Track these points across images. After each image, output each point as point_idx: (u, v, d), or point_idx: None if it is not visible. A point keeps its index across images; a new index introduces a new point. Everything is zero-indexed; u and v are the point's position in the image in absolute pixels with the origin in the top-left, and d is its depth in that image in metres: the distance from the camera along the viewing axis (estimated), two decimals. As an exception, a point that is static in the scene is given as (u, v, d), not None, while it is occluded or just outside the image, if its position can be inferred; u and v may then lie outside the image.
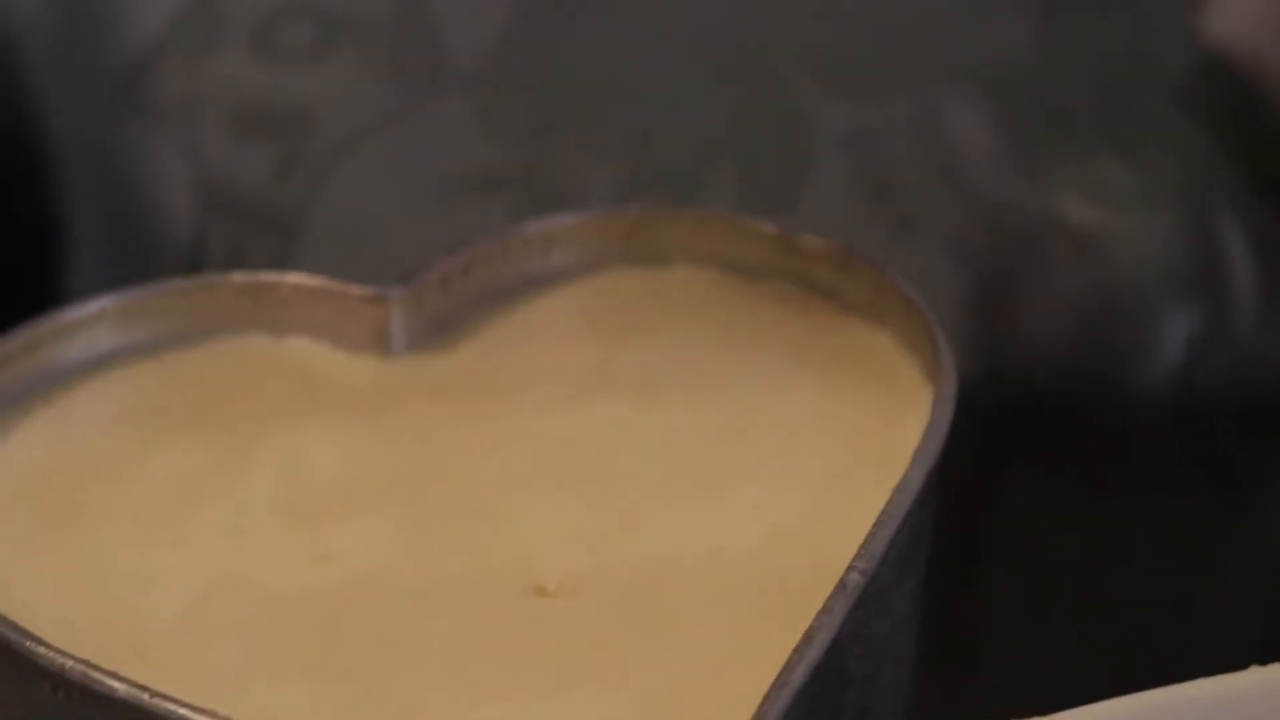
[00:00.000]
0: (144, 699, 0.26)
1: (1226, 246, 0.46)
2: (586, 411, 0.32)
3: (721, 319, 0.34)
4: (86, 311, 0.33)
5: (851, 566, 0.27)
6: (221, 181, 0.49)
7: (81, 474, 0.31)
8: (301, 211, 0.47)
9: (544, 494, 0.31)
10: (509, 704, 0.28)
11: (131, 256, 0.49)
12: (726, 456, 0.31)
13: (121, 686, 0.26)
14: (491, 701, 0.28)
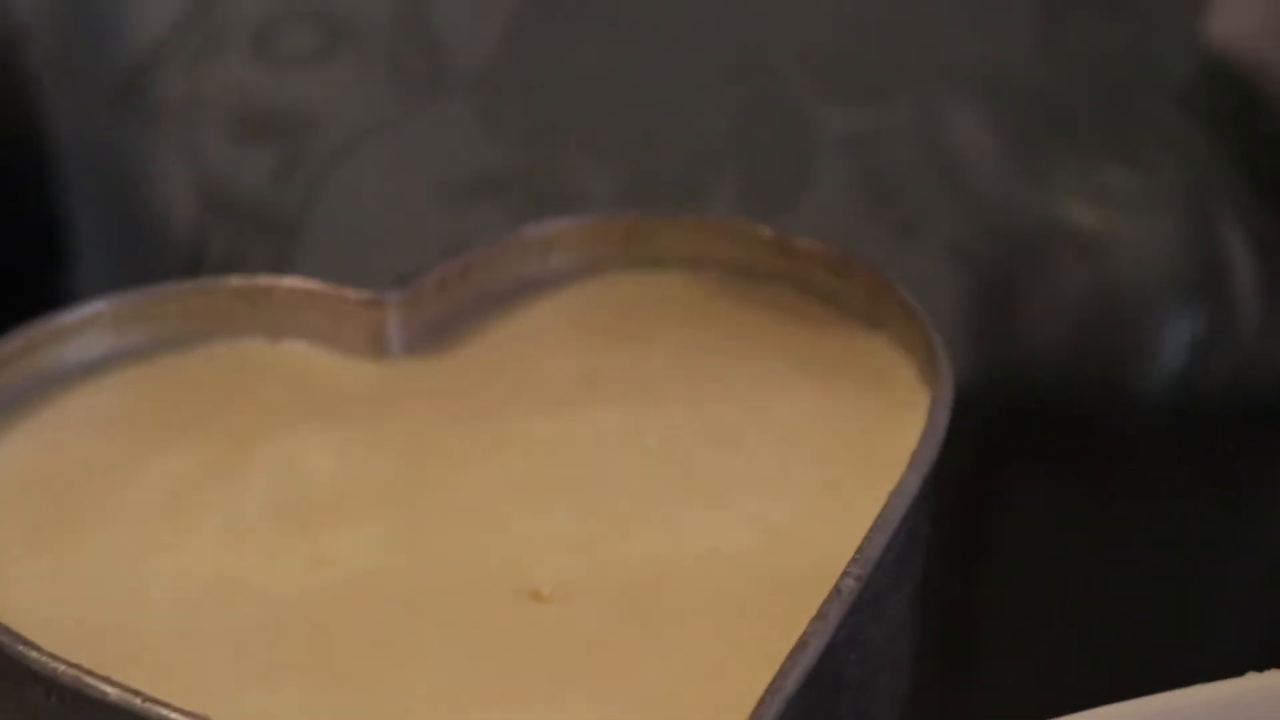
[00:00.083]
0: (135, 703, 0.26)
1: (1228, 249, 0.46)
2: (583, 416, 0.32)
3: (719, 323, 0.34)
4: (82, 315, 0.32)
5: (846, 572, 0.27)
6: (222, 184, 0.49)
7: (77, 477, 0.31)
8: (301, 214, 0.47)
9: (540, 498, 0.31)
10: (503, 709, 0.28)
11: (132, 258, 0.49)
12: (723, 460, 0.31)
13: (113, 691, 0.26)
14: (486, 706, 0.28)
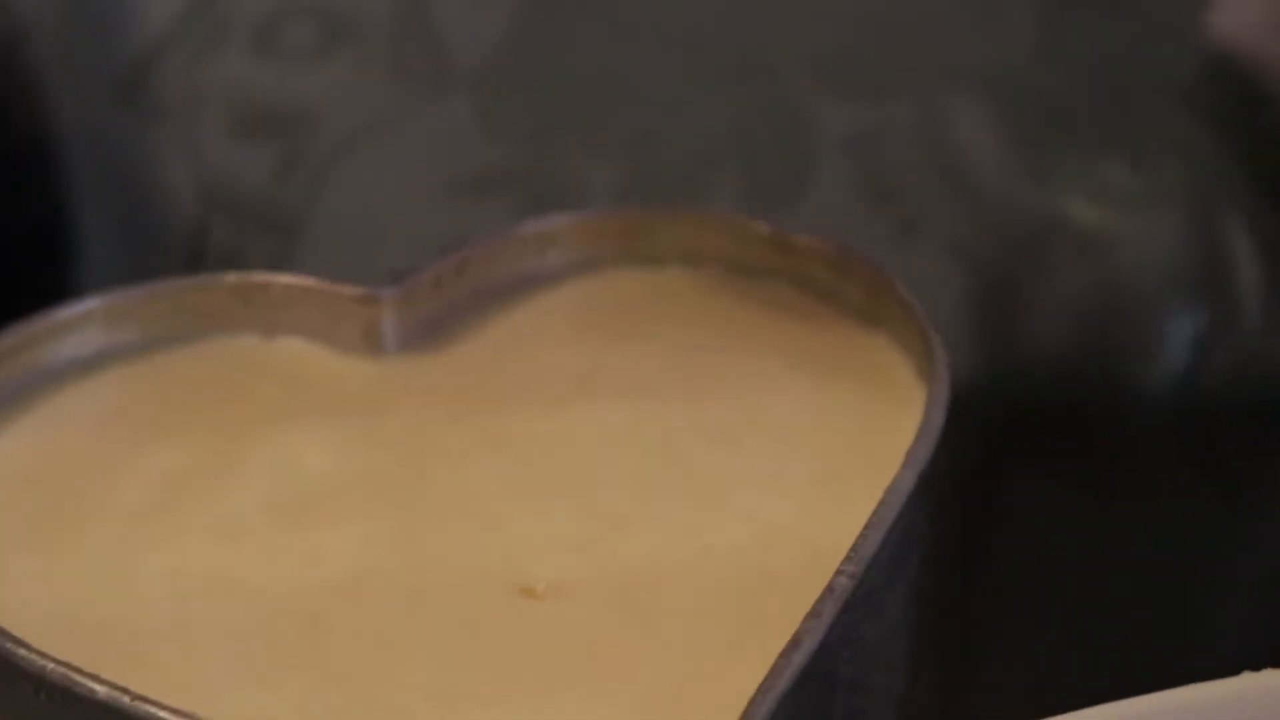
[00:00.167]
0: (124, 701, 0.25)
1: (1231, 247, 0.46)
2: (579, 413, 0.32)
3: (716, 320, 0.33)
4: (76, 311, 0.32)
5: (840, 570, 0.27)
6: (222, 180, 0.48)
7: (71, 474, 0.31)
8: (302, 211, 0.47)
9: (535, 496, 0.31)
10: (496, 708, 0.28)
11: (133, 255, 0.49)
12: (720, 458, 0.31)
13: (102, 689, 0.26)
14: (481, 705, 0.28)
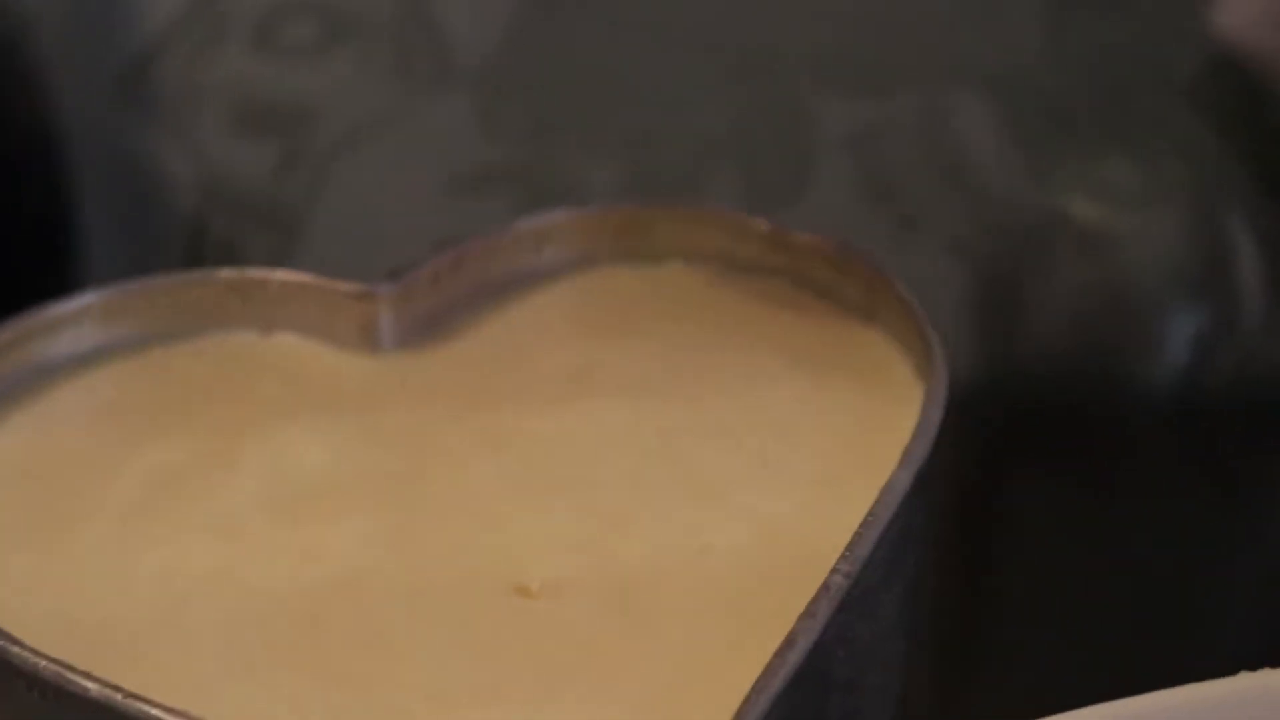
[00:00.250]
0: (116, 699, 0.25)
1: (1234, 246, 0.46)
2: (576, 411, 0.32)
3: (714, 317, 0.33)
4: (72, 307, 0.32)
5: (835, 569, 0.27)
6: (222, 177, 0.48)
7: (67, 471, 0.31)
8: (302, 208, 0.47)
9: (532, 494, 0.31)
10: (493, 707, 0.28)
11: (133, 251, 0.49)
12: (717, 456, 0.31)
13: (94, 687, 0.26)
14: (476, 704, 0.28)
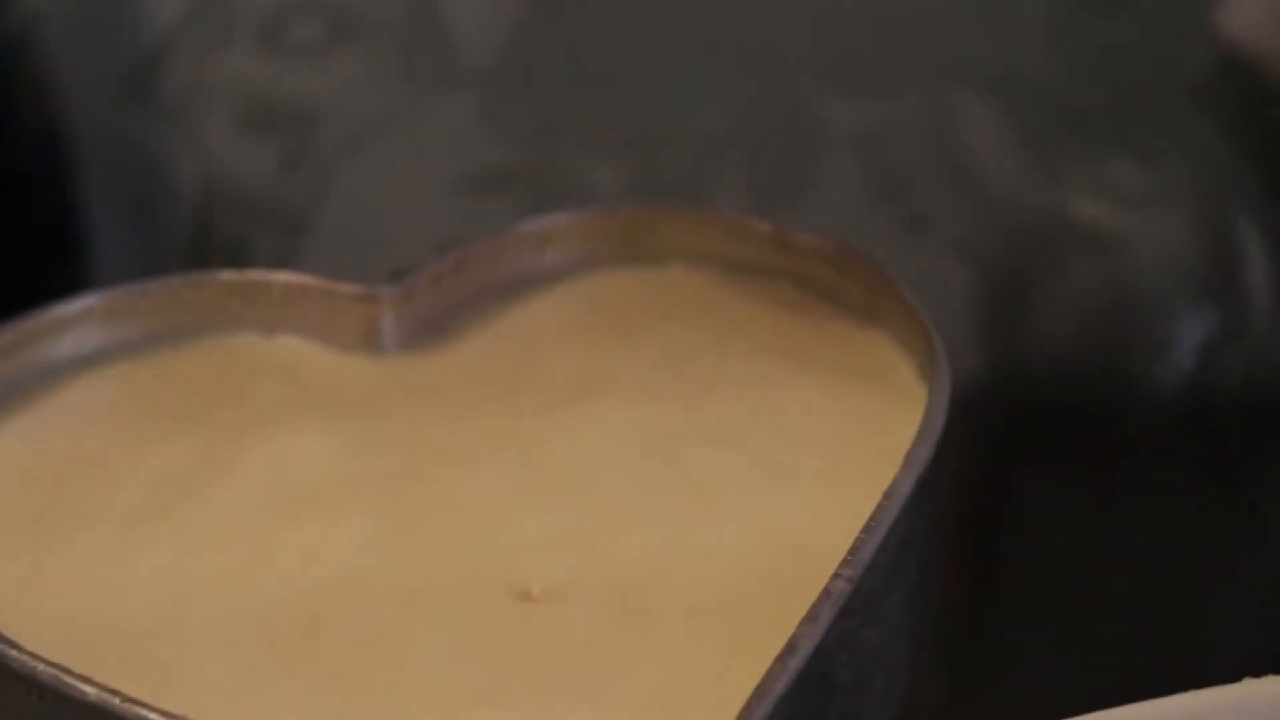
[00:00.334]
0: (114, 703, 0.25)
1: (1241, 247, 0.46)
2: (578, 413, 0.32)
3: (717, 319, 0.33)
4: (73, 309, 0.32)
5: (837, 574, 0.27)
6: (228, 177, 0.48)
7: (67, 473, 0.31)
8: (307, 208, 0.47)
9: (533, 497, 0.30)
10: (493, 710, 0.27)
11: (139, 251, 0.49)
12: (719, 459, 0.31)
13: (93, 690, 0.25)
14: (475, 707, 0.27)
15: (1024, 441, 0.43)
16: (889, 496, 0.28)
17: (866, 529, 0.27)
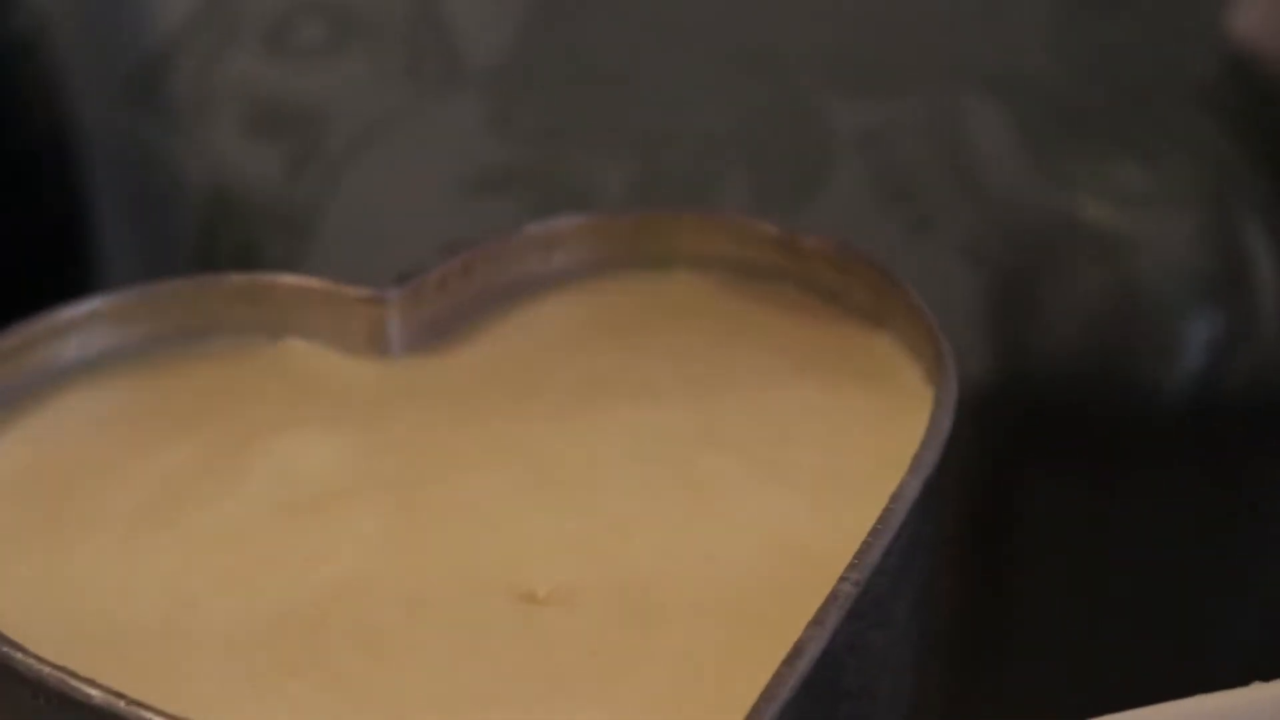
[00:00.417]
0: (120, 706, 0.25)
1: (1248, 249, 0.46)
2: (584, 416, 0.32)
3: (722, 322, 0.33)
4: (80, 311, 0.32)
5: (844, 577, 0.26)
6: (234, 179, 0.48)
7: (73, 475, 0.31)
8: (314, 209, 0.47)
9: (539, 499, 0.30)
10: (498, 713, 0.27)
11: (146, 254, 0.49)
12: (724, 462, 0.31)
13: (98, 693, 0.26)
14: (481, 710, 0.27)
15: (1030, 443, 0.43)
16: (896, 499, 0.28)
17: (873, 532, 0.27)
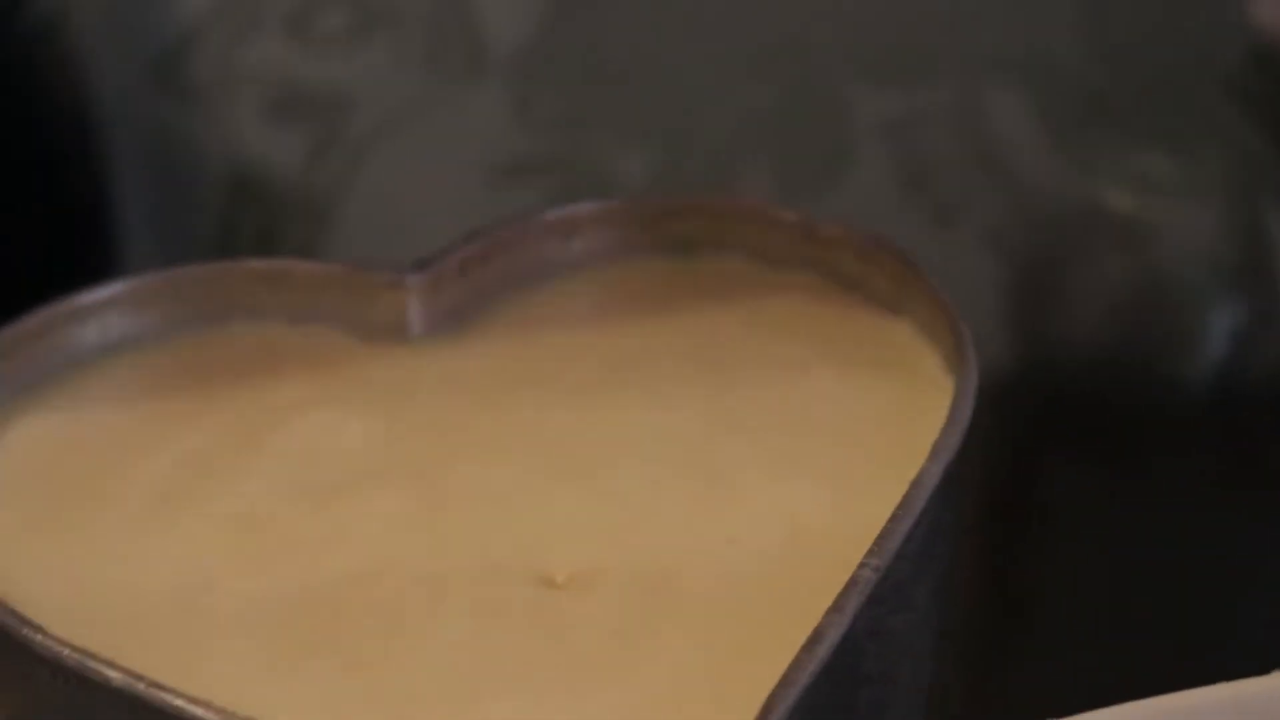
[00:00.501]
0: (139, 688, 0.25)
1: (1272, 238, 0.46)
2: (603, 402, 0.32)
3: (743, 309, 0.33)
4: (100, 296, 0.32)
5: (864, 563, 0.26)
6: (255, 166, 0.48)
7: (92, 459, 0.31)
8: (335, 197, 0.47)
9: (558, 484, 0.30)
10: (516, 697, 0.27)
11: (166, 239, 0.49)
12: (744, 448, 0.31)
13: (116, 675, 0.26)
14: (497, 694, 0.27)
15: (1051, 432, 0.43)
16: (916, 485, 0.28)
17: (894, 518, 0.27)
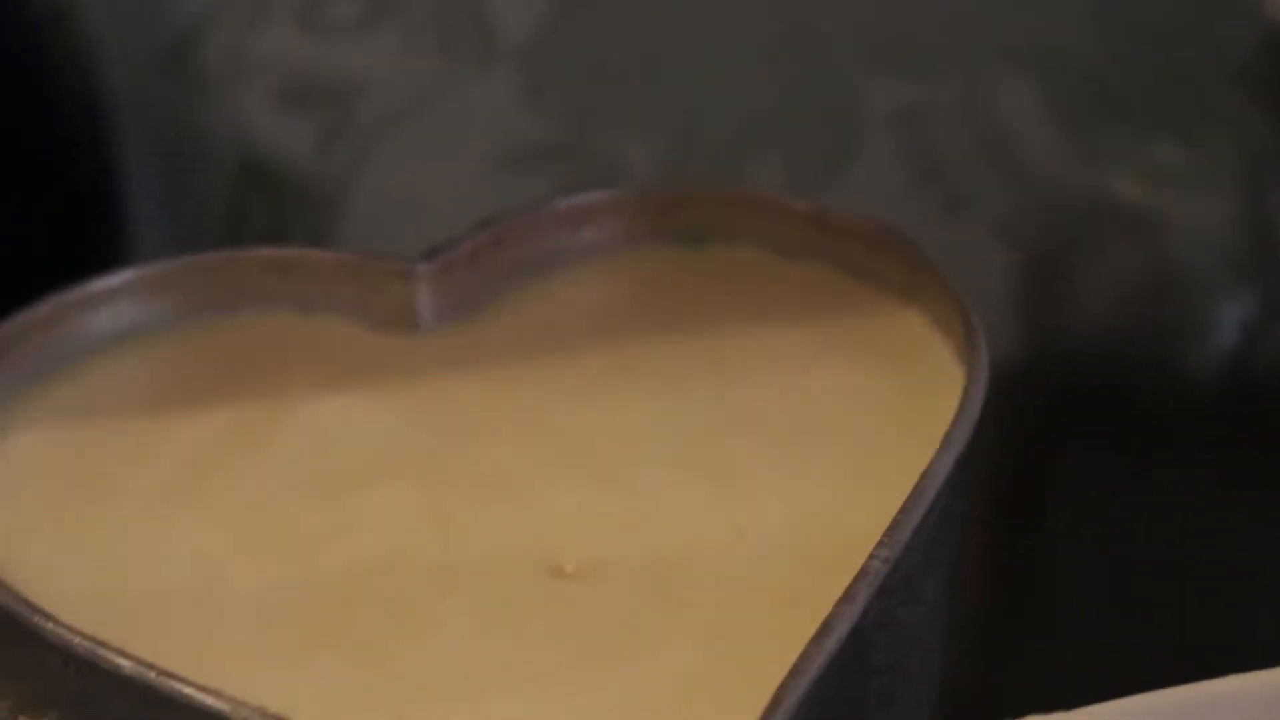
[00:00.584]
0: (150, 677, 0.25)
1: (1283, 229, 0.46)
2: (613, 392, 0.32)
3: (753, 298, 0.33)
4: (110, 284, 0.32)
5: (874, 553, 0.26)
6: (265, 153, 0.48)
7: (103, 447, 0.31)
8: (345, 185, 0.47)
9: (567, 474, 0.30)
10: (525, 686, 0.27)
11: (175, 227, 0.49)
12: (753, 439, 0.31)
13: (128, 664, 0.26)
14: (506, 684, 0.27)
15: (1062, 422, 0.43)
16: (927, 476, 0.27)
17: (904, 508, 0.27)
